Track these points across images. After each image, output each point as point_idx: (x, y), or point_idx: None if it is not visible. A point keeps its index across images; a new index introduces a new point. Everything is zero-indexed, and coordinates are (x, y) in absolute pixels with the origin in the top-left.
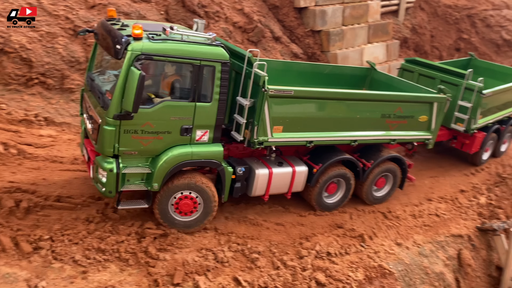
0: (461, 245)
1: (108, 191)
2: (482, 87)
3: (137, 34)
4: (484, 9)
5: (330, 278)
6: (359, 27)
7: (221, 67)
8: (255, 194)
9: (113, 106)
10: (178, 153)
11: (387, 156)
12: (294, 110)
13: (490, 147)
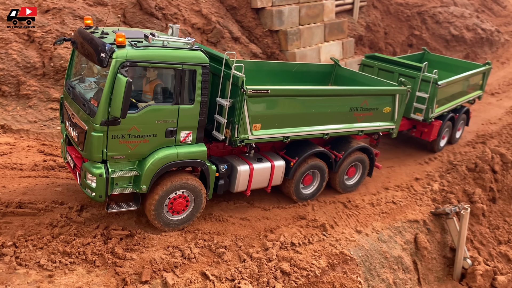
0: (417, 230)
1: (98, 195)
2: (437, 78)
3: (121, 42)
4: (433, 6)
5: (294, 267)
6: (316, 26)
7: (202, 70)
8: (238, 190)
9: (100, 112)
10: (164, 154)
11: (356, 146)
12: (271, 108)
13: (446, 134)
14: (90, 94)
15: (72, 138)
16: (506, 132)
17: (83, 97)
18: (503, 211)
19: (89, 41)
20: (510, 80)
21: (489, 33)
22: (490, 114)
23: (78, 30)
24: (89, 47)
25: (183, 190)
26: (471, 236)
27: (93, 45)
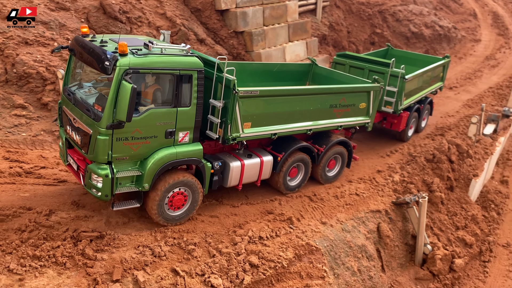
0: (379, 219)
1: (104, 195)
2: (404, 73)
3: (123, 50)
4: (393, 4)
5: (262, 259)
6: (280, 27)
7: (197, 75)
8: (231, 185)
9: (106, 117)
10: (164, 154)
11: (336, 140)
12: (260, 107)
13: (413, 124)
14: (92, 100)
15: (75, 142)
16: (463, 124)
17: (85, 103)
18: (460, 198)
19: (91, 50)
20: (467, 74)
21: (447, 30)
22: (449, 107)
23: (77, 39)
24: (91, 56)
25: (181, 187)
26: (431, 223)
27: (96, 53)
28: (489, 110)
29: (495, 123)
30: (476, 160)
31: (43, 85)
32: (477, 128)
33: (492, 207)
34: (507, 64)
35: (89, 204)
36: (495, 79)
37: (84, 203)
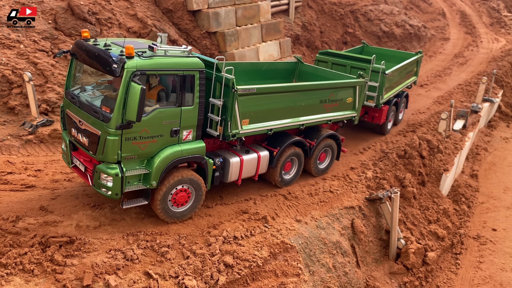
0: (353, 215)
1: (114, 193)
2: (384, 68)
3: (130, 53)
4: (364, 4)
5: (237, 259)
6: (253, 27)
7: (199, 75)
8: (230, 180)
9: (115, 118)
10: (170, 152)
11: (326, 134)
12: (257, 104)
13: (392, 118)
14: (97, 102)
15: (82, 143)
16: (433, 120)
17: (92, 105)
18: (431, 193)
19: (96, 54)
20: (437, 72)
21: (417, 29)
22: (420, 104)
23: (79, 43)
24: (98, 59)
25: (184, 185)
26: (404, 218)
27: (103, 57)
28: (458, 106)
29: (464, 119)
30: (447, 155)
31: (9, 88)
32: (447, 124)
33: (463, 201)
34: (475, 61)
35: (58, 209)
36: (464, 76)
37: (53, 208)
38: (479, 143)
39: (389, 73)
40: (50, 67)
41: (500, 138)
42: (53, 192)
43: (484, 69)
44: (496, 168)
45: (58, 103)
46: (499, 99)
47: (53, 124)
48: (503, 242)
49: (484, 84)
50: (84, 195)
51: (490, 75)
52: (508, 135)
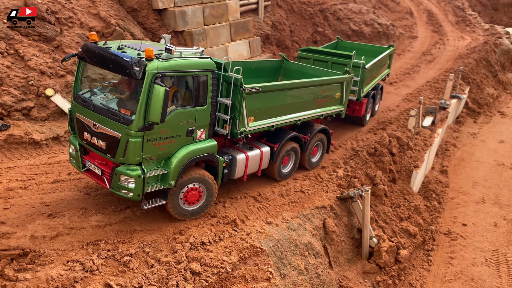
0: (325, 215)
1: (137, 195)
2: (364, 63)
3: (150, 55)
4: (333, 3)
5: (205, 266)
6: (221, 26)
7: (212, 75)
8: (237, 176)
9: (137, 120)
10: (187, 152)
11: (318, 128)
12: (261, 102)
13: (370, 109)
14: (113, 105)
15: (97, 147)
16: (403, 117)
17: (109, 108)
18: (402, 190)
19: (113, 57)
20: (406, 70)
21: (385, 27)
22: (389, 102)
23: (90, 46)
24: (115, 62)
25: (195, 183)
26: (376, 216)
27: (121, 60)
28: (427, 103)
29: (433, 115)
30: (417, 152)
31: None
32: (416, 121)
33: (434, 197)
34: (442, 59)
35: (11, 219)
36: (432, 74)
37: (6, 219)
38: (448, 139)
39: (368, 67)
40: (5, 69)
41: (468, 134)
42: (6, 201)
43: (451, 66)
44: (465, 164)
45: (14, 106)
46: (466, 95)
47: (10, 129)
48: (473, 237)
49: (452, 81)
50: (41, 203)
51: (457, 72)
52: (475, 131)
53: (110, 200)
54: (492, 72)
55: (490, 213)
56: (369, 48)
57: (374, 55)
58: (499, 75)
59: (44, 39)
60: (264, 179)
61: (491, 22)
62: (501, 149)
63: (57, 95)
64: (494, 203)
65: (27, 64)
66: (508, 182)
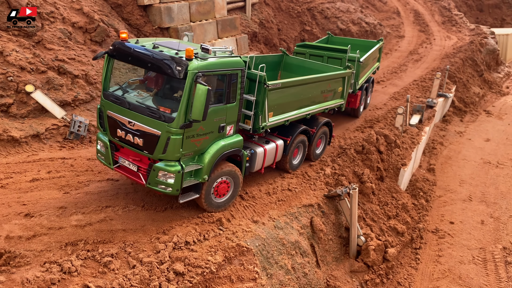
0: (312, 213)
1: (175, 189)
2: (359, 57)
3: (190, 55)
4: (321, 2)
5: (189, 266)
6: (208, 23)
7: (241, 73)
8: (256, 169)
9: (179, 117)
10: (219, 147)
11: (323, 121)
12: (279, 97)
13: (363, 102)
14: (149, 103)
15: (132, 144)
16: (390, 115)
17: (147, 106)
18: (390, 188)
19: (153, 56)
20: (393, 69)
21: (373, 26)
22: (377, 100)
23: (123, 45)
24: (154, 61)
25: (224, 176)
26: (363, 214)
27: (162, 59)
28: (414, 101)
29: (420, 114)
30: (404, 150)
31: None
32: (403, 119)
33: (421, 195)
34: (429, 58)
35: None
36: (419, 73)
37: None
38: (435, 137)
39: (363, 60)
40: None
41: (454, 132)
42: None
43: (438, 65)
44: (452, 162)
45: None
46: (453, 94)
47: None
48: (460, 235)
49: (439, 79)
50: (18, 203)
51: (444, 71)
52: (461, 129)
53: (91, 199)
54: (478, 72)
55: (477, 211)
56: (359, 42)
57: (365, 49)
58: (485, 74)
59: (25, 34)
60: (250, 178)
61: (476, 23)
62: (487, 148)
63: (38, 91)
64: (481, 201)
65: (6, 60)
66: (494, 180)
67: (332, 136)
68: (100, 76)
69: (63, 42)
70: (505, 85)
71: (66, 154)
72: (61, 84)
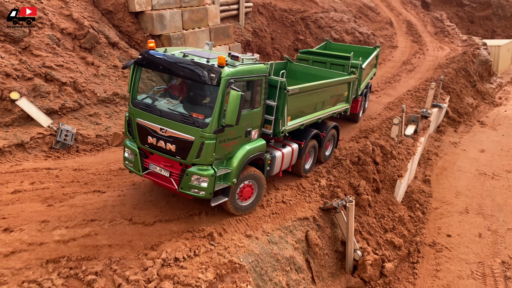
0: (307, 227)
1: (209, 193)
2: (361, 64)
3: (222, 63)
4: (315, 11)
5: (178, 284)
6: (200, 31)
7: (265, 79)
8: (274, 173)
9: (213, 123)
10: (246, 151)
11: (332, 125)
12: (297, 102)
13: (361, 107)
14: (181, 109)
15: (165, 150)
16: (385, 126)
17: (180, 112)
18: (386, 200)
19: (186, 64)
20: (387, 78)
21: (366, 36)
22: (371, 111)
23: (153, 53)
24: (188, 69)
25: (249, 180)
26: (360, 227)
27: (195, 67)
28: (409, 111)
29: (415, 124)
30: (400, 161)
31: None
32: (399, 129)
33: (417, 207)
34: (422, 68)
35: None
36: (413, 83)
37: None
38: (430, 148)
39: (364, 66)
40: None
41: (449, 143)
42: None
43: (431, 76)
44: (447, 173)
45: None
46: (447, 104)
47: None
48: (458, 249)
49: (433, 89)
50: None
51: (438, 81)
52: (456, 140)
53: (76, 212)
54: (471, 82)
55: (474, 223)
56: (357, 49)
57: (363, 55)
58: (478, 85)
59: (11, 39)
60: None
61: (467, 34)
62: (482, 159)
63: (23, 99)
64: (477, 213)
65: None
66: (490, 191)
67: (338, 139)
68: (89, 83)
69: (51, 48)
70: (497, 96)
71: (51, 164)
72: (48, 91)
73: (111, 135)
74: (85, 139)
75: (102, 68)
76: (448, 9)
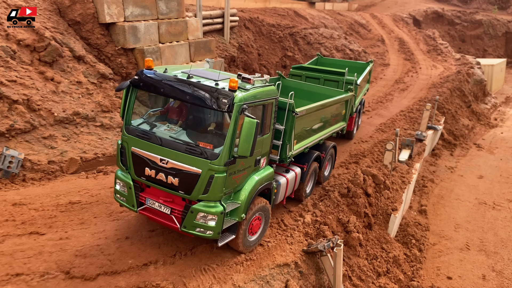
0: (288, 275)
1: (217, 233)
2: (356, 79)
3: (234, 86)
4: (304, 27)
5: None
6: (179, 45)
7: (275, 102)
8: (279, 201)
9: (224, 154)
10: (255, 182)
11: (331, 145)
12: (302, 124)
13: (355, 124)
14: (184, 137)
15: (164, 184)
16: (377, 150)
17: (185, 142)
18: (379, 237)
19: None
20: (379, 98)
21: (357, 53)
22: (362, 133)
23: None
24: (196, 93)
25: (258, 212)
26: (349, 271)
27: (203, 91)
28: (402, 134)
29: (409, 148)
30: (394, 192)
31: None
32: (392, 155)
33: (413, 243)
34: (416, 87)
35: None
36: (406, 103)
37: None
38: (425, 173)
39: (359, 83)
40: None
41: (445, 168)
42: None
43: (425, 95)
44: (445, 202)
45: None
46: (442, 126)
47: None
48: None
49: (428, 111)
50: None
51: (432, 101)
52: (452, 164)
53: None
54: (466, 103)
55: (476, 262)
56: (349, 64)
57: (356, 70)
58: (473, 105)
59: None
60: None
61: (459, 53)
62: (481, 186)
63: None
64: (479, 249)
65: None
66: (492, 224)
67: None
68: (46, 101)
69: (4, 61)
70: (493, 117)
71: None
72: None
73: (67, 161)
74: (34, 165)
75: (64, 84)
76: (440, 28)
